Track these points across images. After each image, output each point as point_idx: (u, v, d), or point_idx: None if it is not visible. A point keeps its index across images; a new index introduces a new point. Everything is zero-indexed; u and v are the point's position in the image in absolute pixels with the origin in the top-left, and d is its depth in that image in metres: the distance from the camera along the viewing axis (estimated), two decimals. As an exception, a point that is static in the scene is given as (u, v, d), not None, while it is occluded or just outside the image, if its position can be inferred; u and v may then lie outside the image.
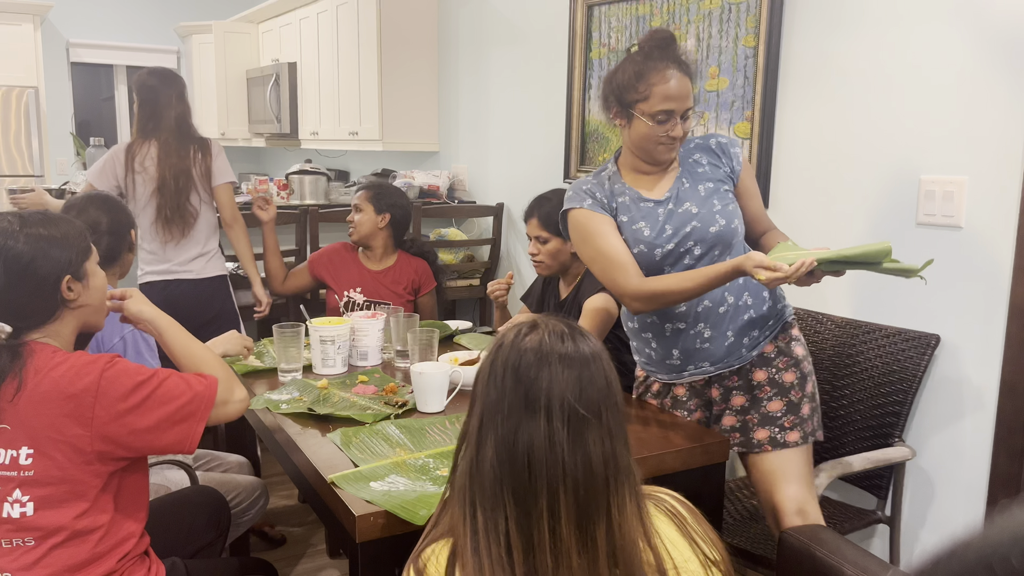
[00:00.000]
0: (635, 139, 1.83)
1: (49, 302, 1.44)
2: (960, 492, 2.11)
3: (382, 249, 2.92)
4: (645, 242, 1.84)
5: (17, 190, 3.24)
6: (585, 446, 1.01)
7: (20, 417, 1.38)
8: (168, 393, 1.44)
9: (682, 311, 1.85)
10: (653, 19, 2.92)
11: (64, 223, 1.49)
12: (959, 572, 0.65)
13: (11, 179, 5.57)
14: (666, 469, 1.70)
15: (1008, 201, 1.97)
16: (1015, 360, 1.99)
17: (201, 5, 6.68)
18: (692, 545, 1.07)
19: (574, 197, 1.90)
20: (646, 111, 1.77)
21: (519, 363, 1.03)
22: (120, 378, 1.40)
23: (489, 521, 1.01)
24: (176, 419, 1.44)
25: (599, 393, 1.04)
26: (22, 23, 5.68)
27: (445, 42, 4.28)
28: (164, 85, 2.90)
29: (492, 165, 4.00)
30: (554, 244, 2.44)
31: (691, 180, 1.88)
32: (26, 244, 1.41)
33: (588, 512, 1.01)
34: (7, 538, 1.40)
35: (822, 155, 2.39)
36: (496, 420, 1.03)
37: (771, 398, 1.87)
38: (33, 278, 1.41)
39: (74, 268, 1.46)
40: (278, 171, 6.44)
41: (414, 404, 1.94)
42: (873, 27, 2.22)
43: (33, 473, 1.39)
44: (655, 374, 1.99)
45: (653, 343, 1.93)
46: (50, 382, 1.38)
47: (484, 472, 1.03)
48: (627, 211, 1.87)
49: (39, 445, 1.38)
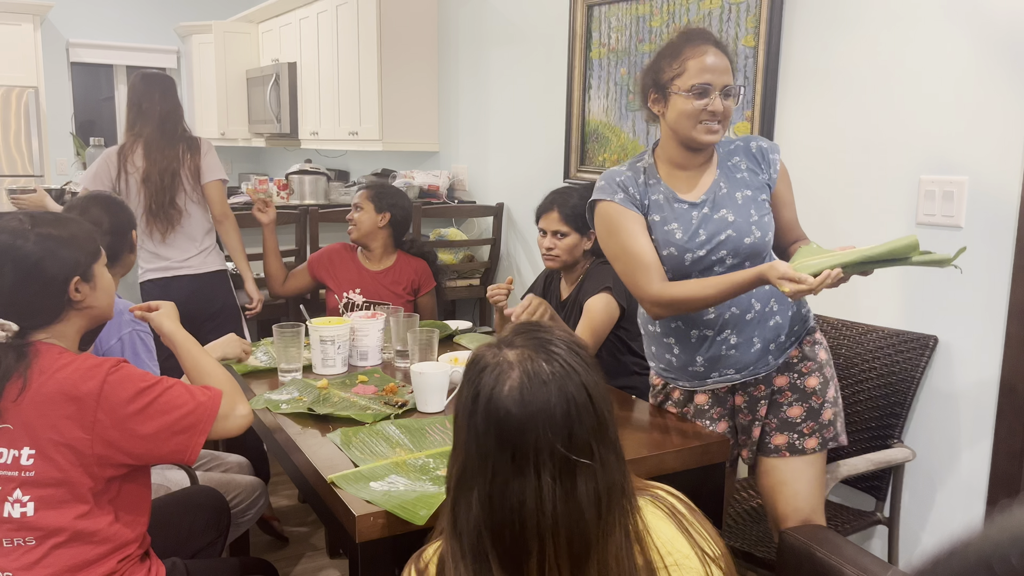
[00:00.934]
0: (674, 120, 1.74)
1: (56, 302, 1.44)
2: (960, 492, 2.11)
3: (381, 249, 2.92)
4: (676, 245, 1.77)
5: (17, 190, 3.24)
6: (576, 492, 0.95)
7: (23, 417, 1.38)
8: (171, 402, 1.44)
9: (709, 318, 1.79)
10: (653, 19, 2.92)
11: (74, 225, 1.50)
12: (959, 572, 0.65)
13: (11, 179, 5.57)
14: (666, 469, 1.70)
15: (1008, 201, 1.97)
16: (1015, 360, 1.99)
17: (201, 5, 6.68)
18: (691, 542, 1.06)
19: (606, 188, 1.81)
20: (683, 86, 1.70)
21: (503, 421, 0.95)
22: (124, 383, 1.40)
23: (477, 574, 0.97)
24: (177, 429, 1.43)
25: (587, 428, 0.97)
26: (22, 23, 5.68)
27: (445, 42, 4.28)
28: (147, 85, 2.93)
29: (492, 165, 4.00)
30: (572, 239, 2.42)
31: (728, 185, 1.81)
32: (36, 244, 1.42)
33: (580, 556, 0.96)
34: (8, 537, 1.40)
35: (822, 155, 2.39)
36: (478, 480, 0.96)
37: (791, 403, 1.83)
38: (42, 278, 1.41)
39: (82, 269, 1.47)
40: (278, 171, 6.44)
41: (414, 404, 1.94)
42: (873, 27, 2.22)
43: (34, 474, 1.39)
44: (675, 381, 1.91)
45: (676, 349, 1.86)
46: (55, 383, 1.38)
47: (468, 530, 0.97)
48: (660, 210, 1.79)
49: (40, 446, 1.38)
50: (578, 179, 3.29)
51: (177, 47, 6.73)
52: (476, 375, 1.00)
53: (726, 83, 1.71)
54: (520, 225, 3.82)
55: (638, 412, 1.98)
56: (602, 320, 2.32)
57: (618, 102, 3.10)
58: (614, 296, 2.35)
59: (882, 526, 2.19)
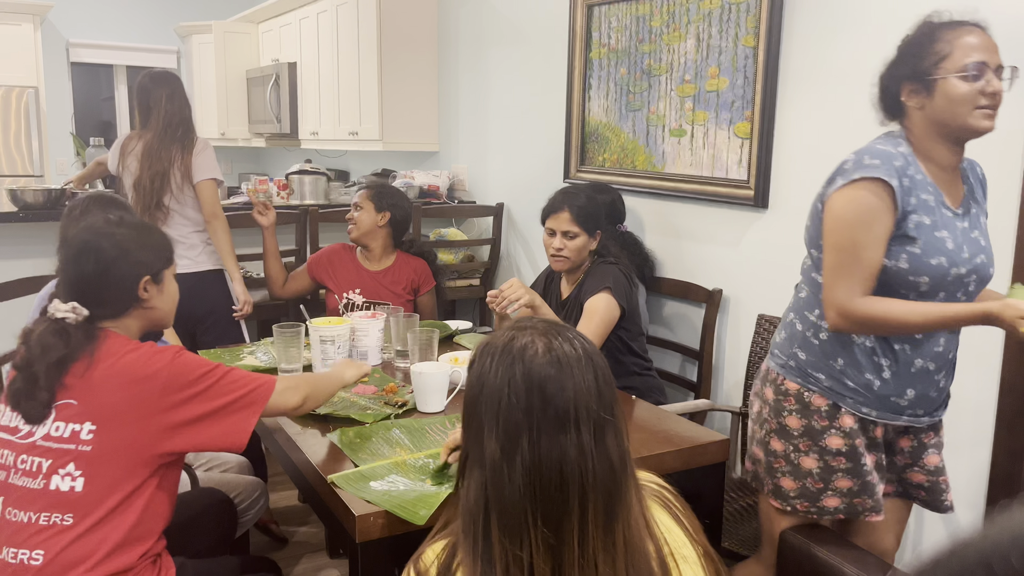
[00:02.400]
0: (943, 108, 1.52)
1: (127, 297, 1.56)
2: (960, 492, 2.11)
3: (381, 249, 2.92)
4: (947, 255, 1.54)
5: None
6: (607, 448, 1.01)
7: (89, 394, 1.46)
8: (232, 384, 1.54)
9: (938, 350, 1.61)
10: (653, 19, 2.92)
11: (155, 232, 1.66)
12: (959, 572, 0.65)
13: (11, 179, 5.57)
14: (666, 469, 1.70)
15: (1008, 201, 1.97)
16: (1015, 360, 1.99)
17: (201, 5, 6.68)
18: (684, 530, 1.08)
19: (883, 167, 1.52)
20: (952, 67, 1.49)
21: (544, 379, 1.01)
22: (188, 366, 1.50)
23: (510, 554, 0.98)
24: (232, 409, 1.53)
25: (611, 392, 1.05)
26: (22, 23, 5.67)
27: (445, 42, 4.28)
28: (155, 85, 2.93)
29: (492, 165, 4.00)
30: (582, 240, 2.41)
31: (976, 204, 1.64)
32: (119, 242, 1.55)
33: (613, 514, 1.00)
34: (48, 513, 1.44)
35: (822, 155, 2.39)
36: (522, 442, 0.99)
37: (935, 450, 1.74)
38: (118, 271, 1.54)
39: (154, 272, 1.59)
40: (278, 171, 6.44)
41: (414, 404, 1.94)
42: (873, 27, 2.22)
43: (91, 448, 1.45)
44: (857, 407, 1.63)
45: (887, 373, 1.61)
46: (123, 364, 1.48)
47: (507, 499, 0.99)
48: (930, 213, 1.55)
49: (102, 422, 1.45)
50: (578, 179, 3.29)
51: (177, 47, 6.72)
52: (499, 352, 1.04)
53: (999, 63, 1.51)
54: (520, 225, 3.82)
55: (638, 412, 1.98)
56: (603, 320, 2.32)
57: (618, 102, 3.10)
58: (614, 296, 2.35)
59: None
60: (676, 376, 2.89)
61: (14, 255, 3.28)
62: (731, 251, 2.72)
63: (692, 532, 1.09)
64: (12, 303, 2.61)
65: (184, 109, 2.97)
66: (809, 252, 1.69)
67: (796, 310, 1.71)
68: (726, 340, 2.75)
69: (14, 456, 1.47)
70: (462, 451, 1.07)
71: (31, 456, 1.46)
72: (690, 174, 2.81)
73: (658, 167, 2.94)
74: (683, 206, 2.89)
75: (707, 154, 2.74)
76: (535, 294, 2.19)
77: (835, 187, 1.55)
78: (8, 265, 3.13)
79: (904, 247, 1.54)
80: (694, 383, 2.79)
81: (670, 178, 2.89)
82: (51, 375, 1.45)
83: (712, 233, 2.79)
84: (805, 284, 1.71)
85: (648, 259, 2.94)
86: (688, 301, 2.90)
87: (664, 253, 2.99)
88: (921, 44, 1.55)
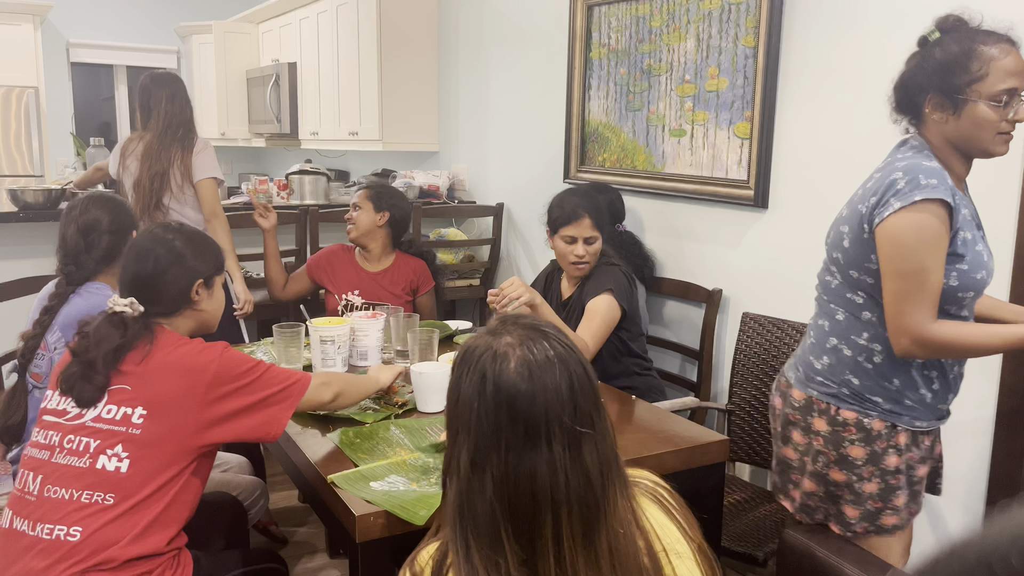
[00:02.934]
0: (966, 130, 1.51)
1: (180, 298, 1.68)
2: (960, 492, 2.11)
3: (380, 249, 2.92)
4: (986, 269, 1.55)
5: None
6: (583, 461, 1.00)
7: (143, 380, 1.55)
8: (273, 378, 1.64)
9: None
10: (653, 19, 2.92)
11: (209, 241, 1.77)
12: (959, 572, 0.65)
13: (11, 179, 5.57)
14: (666, 469, 1.70)
15: (1008, 201, 1.97)
16: (1015, 360, 1.99)
17: (201, 5, 6.68)
18: (678, 526, 1.08)
19: (939, 187, 1.47)
20: (985, 93, 1.47)
21: (513, 396, 0.99)
22: (235, 360, 1.61)
23: (489, 560, 0.98)
24: (272, 401, 1.62)
25: (589, 399, 1.02)
26: (22, 23, 5.67)
27: (445, 42, 4.28)
28: (156, 86, 2.94)
29: (492, 165, 4.00)
30: (599, 243, 2.41)
31: (975, 214, 1.61)
32: (177, 247, 1.68)
33: (591, 524, 0.99)
34: (90, 491, 1.49)
35: (822, 155, 2.39)
36: (491, 457, 0.99)
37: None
38: (175, 273, 1.66)
39: (206, 276, 1.71)
40: (278, 171, 6.44)
41: (414, 404, 1.94)
42: (873, 27, 2.22)
43: (140, 432, 1.52)
44: (913, 421, 1.61)
45: (936, 384, 1.61)
46: (176, 356, 1.58)
47: (480, 512, 0.99)
48: (970, 228, 1.54)
49: (153, 408, 1.53)
50: (578, 179, 3.29)
51: (177, 47, 6.72)
52: (475, 360, 1.02)
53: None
54: (520, 225, 3.82)
55: (638, 412, 1.98)
56: (603, 321, 2.32)
57: (618, 102, 3.10)
58: (616, 297, 2.35)
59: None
60: (676, 376, 2.89)
61: (14, 255, 3.28)
62: (731, 251, 2.72)
63: (687, 528, 1.08)
64: (12, 303, 2.61)
65: (185, 110, 2.97)
66: (845, 273, 1.61)
67: (838, 335, 1.63)
68: (726, 340, 2.75)
69: (60, 436, 1.54)
70: (445, 455, 1.06)
71: (79, 436, 1.53)
72: (690, 174, 2.81)
73: (658, 167, 2.95)
74: (683, 206, 2.89)
75: (707, 154, 2.74)
76: (535, 292, 2.19)
77: (891, 210, 1.48)
78: (8, 265, 3.13)
79: (954, 265, 1.52)
80: (694, 383, 2.80)
81: (670, 178, 2.89)
82: (108, 361, 1.55)
83: (712, 233, 2.79)
84: (839, 306, 1.63)
85: (648, 259, 2.94)
86: (688, 301, 2.90)
87: (664, 253, 2.99)
88: (956, 58, 1.50)
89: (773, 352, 2.40)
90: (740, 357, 2.49)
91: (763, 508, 2.25)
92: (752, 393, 2.44)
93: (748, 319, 2.50)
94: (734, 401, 2.48)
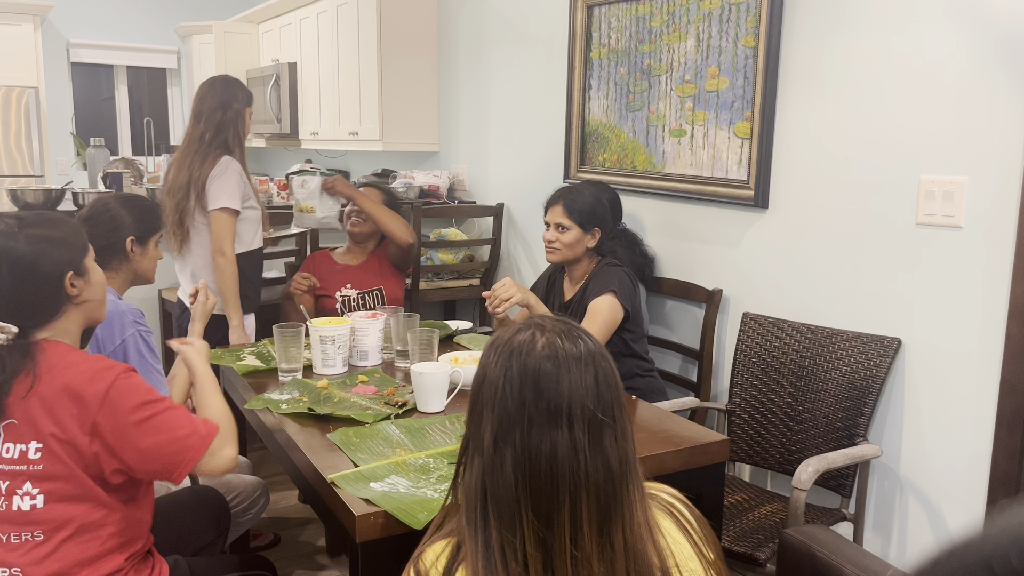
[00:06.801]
0: None
1: (54, 299, 1.46)
2: (960, 492, 2.11)
3: (374, 245, 3.13)
4: None
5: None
6: (604, 450, 1.02)
7: (28, 412, 1.40)
8: (171, 421, 1.44)
9: None
10: (653, 19, 2.92)
11: (61, 222, 1.51)
12: (959, 572, 0.65)
13: (11, 179, 5.57)
14: (666, 469, 1.70)
15: (1008, 201, 1.97)
16: (1015, 360, 1.99)
17: (201, 5, 6.68)
18: (692, 543, 1.07)
19: None
20: None
21: (538, 373, 1.02)
22: (130, 392, 1.42)
23: (506, 539, 0.99)
24: (170, 450, 1.43)
25: (612, 394, 1.04)
26: (22, 23, 5.68)
27: (445, 42, 4.28)
28: (212, 93, 2.75)
29: (492, 165, 4.00)
30: (574, 234, 2.45)
31: None
32: (28, 244, 1.44)
33: (608, 516, 1.01)
34: (16, 532, 1.41)
35: (822, 155, 2.39)
36: (514, 433, 1.01)
37: None
38: (38, 276, 1.44)
39: (75, 264, 1.49)
40: (278, 171, 6.44)
41: (414, 404, 1.94)
42: (873, 27, 2.22)
43: (42, 467, 1.40)
44: None
45: None
46: (62, 380, 1.40)
47: (501, 488, 1.01)
48: None
49: (45, 441, 1.40)
50: (578, 179, 3.29)
51: (177, 47, 6.72)
52: (503, 345, 1.06)
53: None
54: (520, 225, 3.82)
55: (638, 412, 1.98)
56: (605, 321, 2.32)
57: (618, 102, 3.10)
58: (619, 299, 2.35)
59: (847, 522, 2.23)
60: (676, 376, 2.89)
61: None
62: (731, 251, 2.72)
63: (701, 547, 1.08)
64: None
65: (223, 128, 2.72)
66: None
67: None
68: (726, 340, 2.75)
69: None
70: (464, 438, 1.08)
71: None
72: (690, 174, 2.81)
73: (658, 167, 2.94)
74: (683, 206, 2.89)
75: (707, 154, 2.74)
76: (528, 292, 2.20)
77: None
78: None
79: None
80: (694, 383, 2.80)
81: (670, 178, 2.89)
82: None
83: (712, 233, 2.79)
84: None
85: (648, 259, 2.94)
86: (688, 301, 2.90)
87: (664, 253, 2.99)
88: None
89: (773, 352, 2.41)
90: (740, 357, 2.49)
91: (763, 508, 2.25)
92: (752, 393, 2.44)
93: (748, 319, 2.50)
94: (734, 401, 2.48)
